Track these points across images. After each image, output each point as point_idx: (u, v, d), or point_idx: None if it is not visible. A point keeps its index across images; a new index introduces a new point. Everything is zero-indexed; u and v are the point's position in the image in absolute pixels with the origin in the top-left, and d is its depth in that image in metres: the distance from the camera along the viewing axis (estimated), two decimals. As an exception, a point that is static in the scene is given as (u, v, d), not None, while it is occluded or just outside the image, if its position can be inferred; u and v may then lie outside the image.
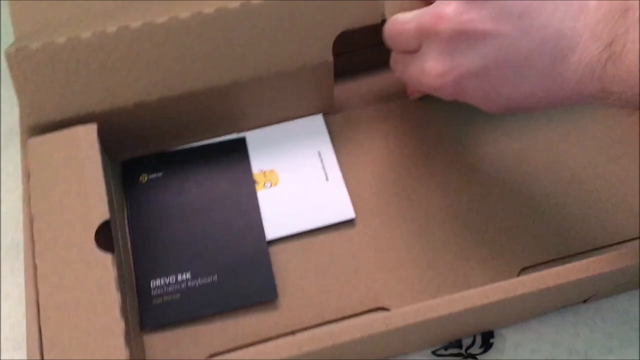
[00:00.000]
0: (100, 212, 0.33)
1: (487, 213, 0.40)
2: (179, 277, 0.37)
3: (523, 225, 0.39)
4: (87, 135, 0.35)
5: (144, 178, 0.40)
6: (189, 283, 0.36)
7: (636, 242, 0.38)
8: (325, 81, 0.41)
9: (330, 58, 0.39)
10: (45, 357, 0.29)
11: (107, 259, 0.32)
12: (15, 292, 0.39)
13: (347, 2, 0.37)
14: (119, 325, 0.30)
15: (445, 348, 0.36)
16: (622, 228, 0.39)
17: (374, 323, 0.30)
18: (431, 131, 0.43)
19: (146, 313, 0.36)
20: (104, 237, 0.33)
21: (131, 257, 0.37)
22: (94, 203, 0.33)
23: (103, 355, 0.29)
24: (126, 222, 0.38)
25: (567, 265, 0.31)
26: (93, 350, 0.30)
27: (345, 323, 0.31)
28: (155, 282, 0.36)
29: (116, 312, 0.31)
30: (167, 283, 0.36)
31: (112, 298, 0.31)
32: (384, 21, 0.37)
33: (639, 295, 0.38)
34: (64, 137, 0.35)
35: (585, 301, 0.37)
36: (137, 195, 0.39)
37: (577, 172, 0.41)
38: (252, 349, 0.29)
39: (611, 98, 0.28)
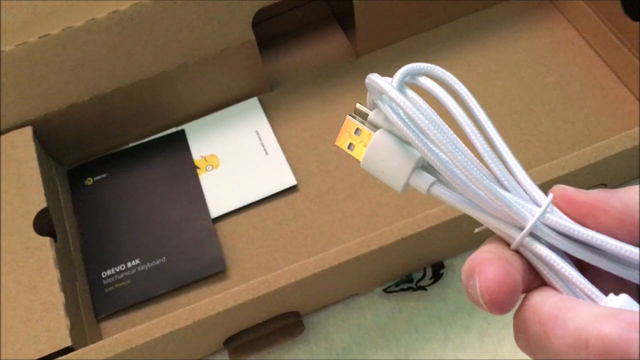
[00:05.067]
0: (37, 202, 0.36)
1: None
2: (129, 264, 0.39)
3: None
4: (23, 138, 0.39)
5: (89, 181, 0.43)
6: (139, 268, 0.39)
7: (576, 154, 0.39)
8: (252, 60, 0.44)
9: (252, 37, 0.43)
10: (-11, 336, 0.32)
11: (45, 241, 0.35)
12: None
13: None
14: (58, 299, 0.33)
15: (397, 284, 0.37)
16: (565, 147, 0.41)
17: (307, 266, 0.32)
18: (361, 87, 0.46)
19: (99, 302, 0.38)
20: (42, 223, 0.36)
21: (81, 255, 0.40)
22: (31, 194, 0.37)
23: (45, 327, 0.32)
24: (76, 223, 0.42)
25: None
26: (35, 324, 0.32)
27: (280, 271, 0.33)
28: (106, 273, 0.39)
29: (55, 288, 0.33)
30: (118, 271, 0.39)
31: (51, 276, 0.34)
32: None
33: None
34: (1, 143, 0.39)
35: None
36: (83, 198, 0.42)
37: (514, 104, 0.43)
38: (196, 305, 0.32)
39: None
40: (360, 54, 0.47)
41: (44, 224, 0.36)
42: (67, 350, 0.32)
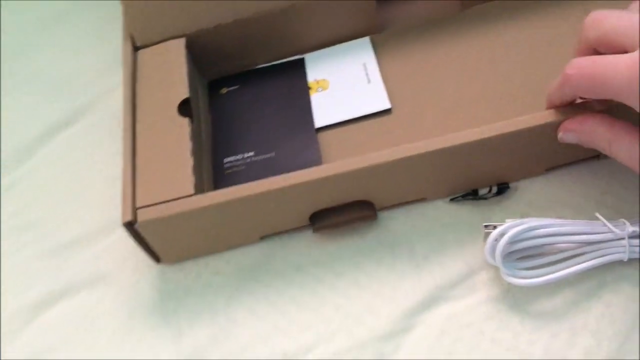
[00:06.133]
0: (182, 92, 0.46)
1: (509, 93, 0.47)
2: (245, 155, 0.49)
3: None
4: (177, 46, 0.49)
5: (224, 90, 0.53)
6: (253, 158, 0.48)
7: None
8: (367, 3, 0.52)
9: (369, -20, 0.51)
10: (136, 182, 0.42)
11: (184, 121, 0.45)
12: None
13: None
14: (189, 162, 0.43)
15: (463, 196, 0.43)
16: None
17: (382, 155, 0.40)
18: (462, 37, 0.52)
19: (219, 180, 0.48)
20: (184, 110, 0.46)
21: (210, 143, 0.50)
22: (178, 87, 0.47)
23: (177, 179, 0.42)
24: (209, 120, 0.52)
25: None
26: (168, 179, 0.42)
27: (359, 157, 0.40)
28: (228, 159, 0.49)
29: (187, 154, 0.43)
30: (236, 159, 0.49)
31: (185, 144, 0.44)
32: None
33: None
34: (161, 48, 0.50)
35: (598, 157, 0.43)
36: (218, 103, 0.52)
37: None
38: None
39: None
40: (466, 7, 0.53)
41: (185, 110, 0.46)
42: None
